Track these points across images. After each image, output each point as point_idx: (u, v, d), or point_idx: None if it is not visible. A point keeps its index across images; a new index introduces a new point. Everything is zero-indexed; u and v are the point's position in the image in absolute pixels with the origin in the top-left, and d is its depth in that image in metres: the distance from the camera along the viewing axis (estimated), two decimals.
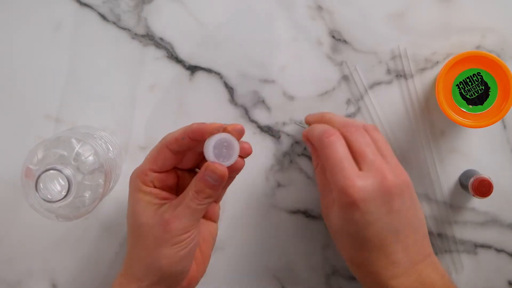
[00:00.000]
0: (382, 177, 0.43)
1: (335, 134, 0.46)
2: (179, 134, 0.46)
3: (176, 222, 0.45)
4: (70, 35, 0.57)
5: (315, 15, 0.57)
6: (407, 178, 0.46)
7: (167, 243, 0.46)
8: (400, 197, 0.44)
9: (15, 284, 0.58)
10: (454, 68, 0.53)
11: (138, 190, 0.47)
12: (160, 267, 0.46)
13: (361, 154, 0.45)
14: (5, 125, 0.57)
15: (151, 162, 0.48)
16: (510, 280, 0.59)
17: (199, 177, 0.46)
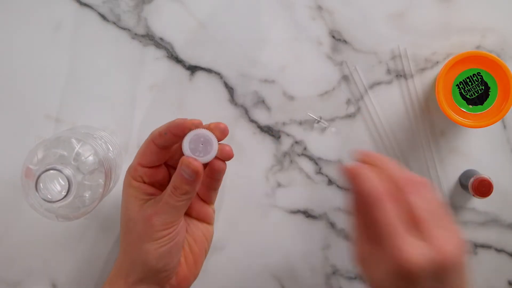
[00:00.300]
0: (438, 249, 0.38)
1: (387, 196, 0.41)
2: (162, 129, 0.47)
3: (156, 217, 0.46)
4: (70, 35, 0.57)
5: (315, 15, 0.57)
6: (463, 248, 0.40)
7: (149, 238, 0.46)
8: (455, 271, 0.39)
9: (15, 284, 0.58)
10: (454, 68, 0.53)
11: (128, 185, 0.48)
12: (143, 262, 0.47)
13: (417, 219, 0.40)
14: (5, 125, 0.57)
15: (140, 157, 0.49)
16: (510, 280, 0.59)
17: (176, 172, 0.46)
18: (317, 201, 0.58)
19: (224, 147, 0.47)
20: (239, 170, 0.57)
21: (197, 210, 0.51)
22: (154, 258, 0.46)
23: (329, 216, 0.59)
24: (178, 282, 0.49)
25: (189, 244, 0.50)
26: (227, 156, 0.47)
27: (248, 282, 0.59)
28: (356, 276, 0.59)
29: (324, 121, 0.57)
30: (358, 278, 0.59)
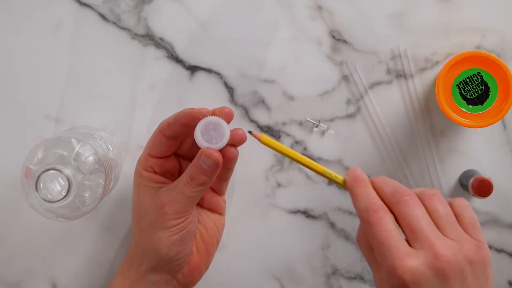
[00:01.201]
0: (435, 256, 0.38)
1: (380, 210, 0.40)
2: (171, 120, 0.48)
3: (169, 206, 0.46)
4: (70, 35, 0.57)
5: (315, 15, 0.57)
6: (474, 251, 0.39)
7: (161, 226, 0.47)
8: (459, 276, 0.38)
9: (15, 284, 0.58)
10: (454, 68, 0.53)
11: (139, 176, 0.49)
12: (155, 250, 0.47)
13: (412, 229, 0.39)
14: (5, 125, 0.57)
15: (149, 148, 0.49)
16: (510, 280, 0.59)
17: (194, 163, 0.46)
18: (317, 201, 0.58)
19: (236, 131, 0.47)
20: (239, 170, 0.57)
21: (208, 201, 0.52)
22: (166, 246, 0.47)
23: (329, 216, 0.59)
24: (190, 271, 0.49)
25: (201, 233, 0.51)
26: (241, 139, 0.47)
27: (248, 282, 0.59)
28: (356, 276, 0.59)
29: (322, 124, 0.57)
30: (358, 278, 0.59)
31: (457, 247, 0.39)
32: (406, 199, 0.40)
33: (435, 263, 0.38)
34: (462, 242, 0.39)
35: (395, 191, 0.41)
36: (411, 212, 0.40)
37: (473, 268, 0.39)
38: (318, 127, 0.58)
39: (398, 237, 0.39)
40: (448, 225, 0.40)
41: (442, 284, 0.38)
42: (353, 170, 0.44)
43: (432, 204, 0.41)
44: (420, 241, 0.39)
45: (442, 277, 0.38)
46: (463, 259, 0.38)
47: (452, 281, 0.38)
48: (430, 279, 0.38)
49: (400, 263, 0.38)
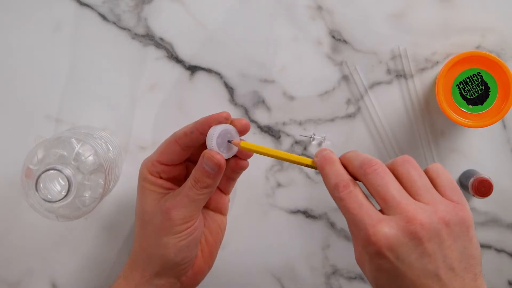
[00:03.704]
0: (408, 219, 0.38)
1: (349, 185, 0.41)
2: (188, 129, 0.47)
3: (175, 211, 0.46)
4: (70, 35, 0.57)
5: (315, 15, 0.57)
6: (448, 215, 0.39)
7: (168, 232, 0.46)
8: (435, 238, 0.38)
9: (15, 284, 0.58)
10: (454, 68, 0.53)
11: (144, 179, 0.49)
12: (161, 256, 0.47)
13: (382, 197, 0.39)
14: (5, 125, 0.57)
15: (159, 154, 0.48)
16: (510, 280, 0.59)
17: (198, 166, 0.46)
18: (317, 201, 0.58)
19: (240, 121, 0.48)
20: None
21: (215, 201, 0.52)
22: (173, 252, 0.47)
23: (329, 216, 0.59)
24: (194, 273, 0.49)
25: (205, 236, 0.51)
26: (246, 155, 0.49)
27: (248, 282, 0.59)
28: (356, 276, 0.59)
29: (318, 136, 0.58)
30: (358, 278, 0.59)
31: (430, 210, 0.38)
32: (375, 169, 0.40)
33: (408, 227, 0.37)
34: (437, 204, 0.39)
35: (362, 163, 0.41)
36: (380, 181, 0.40)
37: (450, 229, 0.38)
38: (315, 139, 0.58)
39: (369, 206, 0.39)
40: (422, 189, 0.40)
41: (418, 247, 0.38)
42: (321, 151, 0.44)
43: (404, 169, 0.41)
44: (392, 207, 0.39)
45: (417, 240, 0.37)
46: (438, 221, 0.38)
47: (428, 243, 0.38)
48: (405, 243, 0.37)
49: (373, 230, 0.38)
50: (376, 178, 0.40)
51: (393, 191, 0.39)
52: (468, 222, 0.40)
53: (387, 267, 0.38)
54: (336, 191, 0.41)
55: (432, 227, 0.38)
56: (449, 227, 0.39)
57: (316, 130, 0.58)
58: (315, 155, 0.44)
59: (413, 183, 0.40)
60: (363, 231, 0.38)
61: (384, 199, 0.39)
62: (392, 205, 0.39)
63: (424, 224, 0.38)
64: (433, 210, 0.39)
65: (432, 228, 0.38)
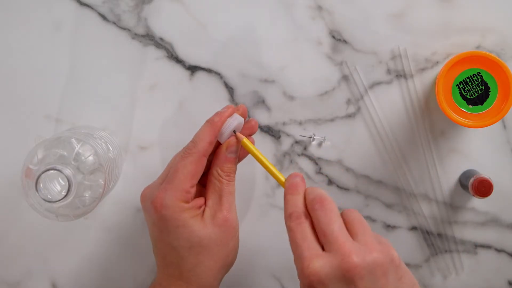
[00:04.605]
0: (343, 257, 0.39)
1: (301, 217, 0.42)
2: (210, 138, 0.48)
3: (230, 215, 0.48)
4: (70, 35, 0.57)
5: (315, 15, 0.57)
6: (382, 255, 0.40)
7: (233, 238, 0.48)
8: (368, 277, 0.39)
9: (15, 284, 0.58)
10: (454, 68, 0.53)
11: (181, 211, 0.46)
12: (230, 263, 0.49)
13: (324, 232, 0.41)
14: (5, 125, 0.57)
15: (191, 178, 0.47)
16: (510, 280, 0.59)
17: (221, 161, 0.48)
18: None
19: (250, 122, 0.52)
20: (239, 170, 0.57)
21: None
22: (235, 251, 0.49)
23: None
24: None
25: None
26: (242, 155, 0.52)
27: (248, 282, 0.59)
28: None
29: (318, 136, 0.58)
30: None
31: (365, 249, 0.40)
32: (323, 205, 0.42)
33: (341, 264, 0.38)
34: (372, 245, 0.40)
35: (314, 199, 0.43)
36: (323, 217, 0.41)
37: (384, 269, 0.39)
38: (315, 140, 0.58)
39: (312, 241, 0.41)
40: (360, 231, 0.41)
41: (349, 285, 0.39)
42: (294, 176, 0.46)
43: (346, 212, 0.43)
44: (330, 243, 0.40)
45: (349, 278, 0.38)
46: (373, 261, 0.39)
47: (360, 282, 0.38)
48: (336, 280, 0.39)
49: (307, 263, 0.39)
50: (321, 214, 0.42)
51: (334, 227, 0.41)
52: (397, 261, 0.41)
53: None
54: (288, 220, 0.43)
55: (366, 266, 0.39)
56: (383, 267, 0.39)
57: (316, 130, 0.58)
58: (287, 178, 0.46)
59: (352, 225, 0.42)
60: (300, 263, 0.40)
61: (324, 234, 0.41)
62: (330, 241, 0.40)
63: (358, 263, 0.38)
64: (369, 250, 0.40)
65: (366, 267, 0.39)
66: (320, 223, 0.41)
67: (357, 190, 0.58)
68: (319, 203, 0.42)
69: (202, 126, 0.49)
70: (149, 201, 0.47)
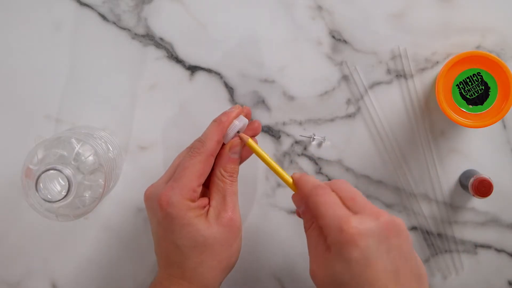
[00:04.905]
0: (376, 216, 0.41)
1: (326, 188, 0.45)
2: (218, 137, 0.48)
3: (234, 215, 0.48)
4: (70, 35, 0.57)
5: (315, 15, 0.57)
6: (402, 222, 0.42)
7: (237, 238, 0.48)
8: (398, 236, 0.41)
9: (15, 284, 0.58)
10: (454, 68, 0.53)
11: (187, 210, 0.46)
12: (232, 264, 0.49)
13: (352, 199, 0.43)
14: (5, 125, 0.57)
15: (199, 177, 0.47)
16: (510, 280, 0.59)
17: (225, 162, 0.49)
18: None
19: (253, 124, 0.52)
20: (239, 170, 0.57)
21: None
22: (238, 251, 0.49)
23: None
24: None
25: None
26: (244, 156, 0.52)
27: (248, 282, 0.59)
28: None
29: (318, 136, 0.58)
30: None
31: (390, 215, 0.42)
32: (343, 181, 0.45)
33: (378, 222, 0.41)
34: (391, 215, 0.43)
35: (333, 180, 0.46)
36: (349, 188, 0.45)
37: (406, 234, 0.42)
38: (315, 140, 0.58)
39: (342, 205, 0.43)
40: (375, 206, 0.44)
41: (386, 240, 0.40)
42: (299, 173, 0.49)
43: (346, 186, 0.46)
44: (360, 206, 0.42)
45: (385, 232, 0.41)
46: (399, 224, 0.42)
47: (394, 240, 0.41)
48: (374, 234, 0.40)
49: (347, 219, 0.41)
50: (345, 186, 0.45)
51: (360, 196, 0.44)
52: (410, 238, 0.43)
53: (356, 257, 0.40)
54: (314, 190, 0.44)
55: (396, 226, 0.41)
56: (406, 233, 0.42)
57: (316, 130, 0.58)
58: (293, 173, 0.48)
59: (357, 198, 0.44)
60: (338, 220, 0.41)
61: (354, 199, 0.43)
62: (360, 204, 0.43)
63: (391, 220, 0.41)
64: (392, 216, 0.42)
65: (396, 226, 0.41)
66: (346, 192, 0.44)
67: None
68: (340, 181, 0.45)
69: (209, 126, 0.49)
70: (154, 199, 0.47)
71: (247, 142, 0.49)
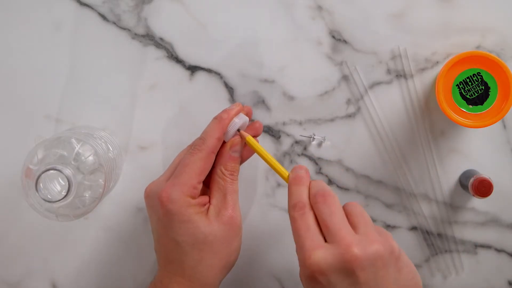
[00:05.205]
0: (344, 248, 0.39)
1: (305, 208, 0.43)
2: (219, 135, 0.48)
3: (235, 213, 0.48)
4: (70, 35, 0.57)
5: (315, 15, 0.57)
6: (383, 247, 0.40)
7: (237, 237, 0.48)
8: (368, 268, 0.39)
9: (15, 284, 0.58)
10: (454, 68, 0.53)
11: (187, 207, 0.46)
12: (232, 262, 0.49)
13: (326, 224, 0.41)
14: (5, 125, 0.57)
15: (200, 174, 0.47)
16: (510, 280, 0.59)
17: (226, 160, 0.49)
18: None
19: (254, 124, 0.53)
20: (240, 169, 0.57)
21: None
22: (237, 251, 0.49)
23: None
24: None
25: None
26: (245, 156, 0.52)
27: (248, 282, 0.59)
28: None
29: (318, 136, 0.58)
30: None
31: (367, 241, 0.40)
32: (325, 199, 0.42)
33: (343, 255, 0.39)
34: (372, 237, 0.41)
35: (317, 192, 0.43)
36: (326, 209, 0.42)
37: (384, 261, 0.40)
38: (315, 140, 0.58)
39: (315, 232, 0.41)
40: (361, 223, 0.42)
41: (351, 275, 0.39)
42: (298, 168, 0.46)
43: (348, 205, 0.44)
44: (332, 234, 0.40)
45: (350, 268, 0.39)
46: (374, 252, 0.39)
47: (361, 273, 0.39)
48: (337, 270, 0.39)
49: (309, 254, 0.40)
50: (323, 206, 0.42)
51: (336, 219, 0.41)
52: (396, 253, 0.41)
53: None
54: (292, 210, 0.43)
55: (367, 257, 0.39)
56: (383, 259, 0.40)
57: (316, 130, 0.58)
58: (291, 170, 0.46)
59: (354, 217, 0.42)
60: (302, 254, 0.40)
61: (326, 226, 0.41)
62: (332, 233, 0.41)
63: (359, 254, 0.39)
64: (370, 241, 0.40)
65: (367, 258, 0.39)
66: (322, 215, 0.42)
67: (357, 190, 0.58)
68: (322, 197, 0.43)
69: (210, 123, 0.49)
70: (155, 195, 0.47)
71: (247, 138, 0.49)
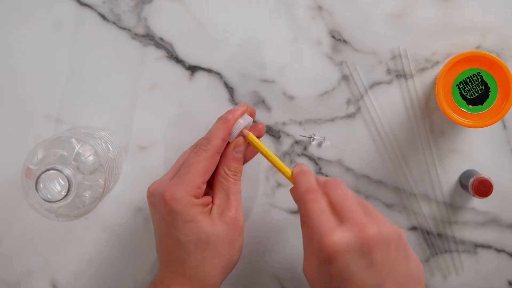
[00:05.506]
0: (360, 228, 0.40)
1: (318, 192, 0.44)
2: (224, 135, 0.48)
3: (238, 213, 0.48)
4: (70, 35, 0.57)
5: (315, 15, 0.57)
6: (394, 230, 0.42)
7: (239, 237, 0.48)
8: (383, 249, 0.40)
9: (15, 284, 0.58)
10: (454, 68, 0.53)
11: (191, 206, 0.46)
12: (234, 263, 0.49)
13: (340, 207, 0.42)
14: (5, 125, 0.57)
15: (204, 174, 0.48)
16: (510, 280, 0.59)
17: (229, 160, 0.49)
18: None
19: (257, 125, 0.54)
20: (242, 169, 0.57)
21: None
22: (240, 251, 0.49)
23: None
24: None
25: None
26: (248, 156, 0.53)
27: (248, 282, 0.59)
28: None
29: (318, 136, 0.58)
30: None
31: (380, 223, 0.41)
32: (337, 184, 0.44)
33: (360, 236, 0.40)
34: (384, 220, 0.42)
35: (328, 180, 0.45)
36: (340, 193, 0.43)
37: (396, 242, 0.41)
38: (315, 140, 0.58)
39: (329, 215, 0.42)
40: (371, 208, 0.43)
41: (367, 255, 0.40)
42: (300, 164, 0.49)
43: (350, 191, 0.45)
44: (347, 216, 0.41)
45: (367, 248, 0.40)
46: (387, 234, 0.41)
47: (376, 254, 0.40)
48: (355, 250, 0.40)
49: (327, 234, 0.40)
50: (337, 190, 0.43)
51: (350, 202, 0.42)
52: (404, 240, 0.43)
53: (335, 273, 0.40)
54: (305, 194, 0.44)
55: (382, 238, 0.40)
56: (396, 241, 0.41)
57: (316, 130, 0.58)
58: (294, 166, 0.48)
59: (365, 204, 0.44)
60: (318, 235, 0.41)
61: (341, 208, 0.42)
62: (348, 214, 0.41)
63: (375, 234, 0.40)
64: (382, 224, 0.41)
65: (381, 239, 0.40)
66: (336, 197, 0.43)
67: (357, 190, 0.58)
68: (333, 183, 0.44)
69: (215, 123, 0.49)
70: (158, 194, 0.47)
71: (249, 137, 0.49)
